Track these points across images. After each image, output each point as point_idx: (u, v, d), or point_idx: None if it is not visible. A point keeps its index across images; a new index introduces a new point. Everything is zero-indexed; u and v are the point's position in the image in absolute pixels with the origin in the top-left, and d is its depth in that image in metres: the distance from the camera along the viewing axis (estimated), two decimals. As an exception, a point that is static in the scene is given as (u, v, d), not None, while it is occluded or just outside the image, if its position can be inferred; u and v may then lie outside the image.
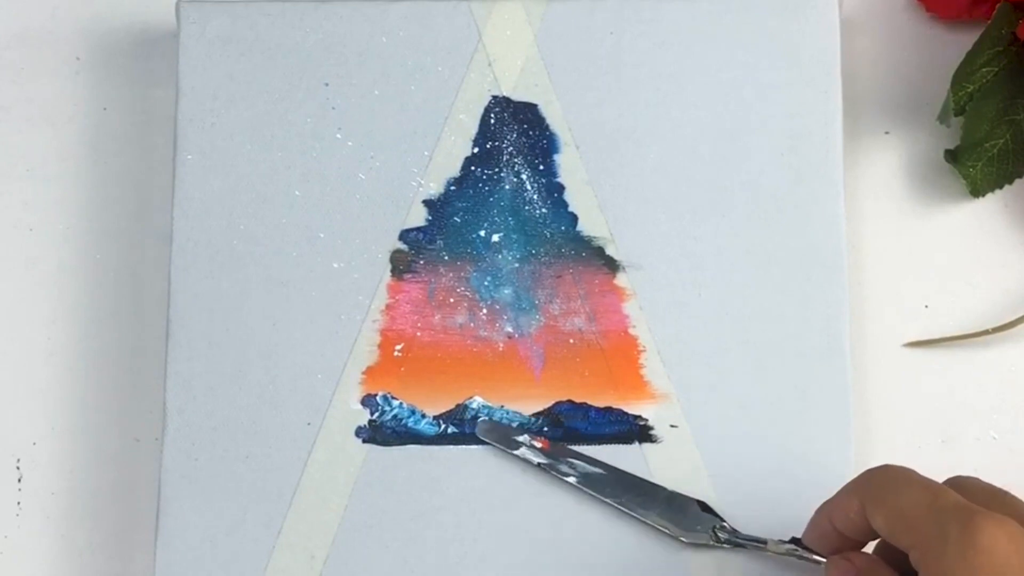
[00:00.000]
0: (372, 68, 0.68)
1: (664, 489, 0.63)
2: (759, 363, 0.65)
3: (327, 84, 0.68)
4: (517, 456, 0.64)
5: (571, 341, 0.66)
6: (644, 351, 0.65)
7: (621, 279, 0.66)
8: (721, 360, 0.65)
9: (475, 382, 0.65)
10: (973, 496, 0.52)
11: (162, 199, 0.69)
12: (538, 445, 0.64)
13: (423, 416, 0.65)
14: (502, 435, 0.64)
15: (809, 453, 0.64)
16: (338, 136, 0.67)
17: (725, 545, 0.62)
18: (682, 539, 0.63)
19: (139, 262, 0.70)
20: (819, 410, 0.64)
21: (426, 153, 0.67)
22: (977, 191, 0.68)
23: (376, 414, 0.65)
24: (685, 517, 0.63)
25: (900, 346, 0.68)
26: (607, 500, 0.63)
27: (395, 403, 0.65)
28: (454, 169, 0.67)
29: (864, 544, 0.57)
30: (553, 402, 0.65)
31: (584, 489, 0.63)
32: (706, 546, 0.63)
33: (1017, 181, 0.69)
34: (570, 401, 0.65)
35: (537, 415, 0.65)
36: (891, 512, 0.52)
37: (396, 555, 0.64)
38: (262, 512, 0.64)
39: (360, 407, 0.65)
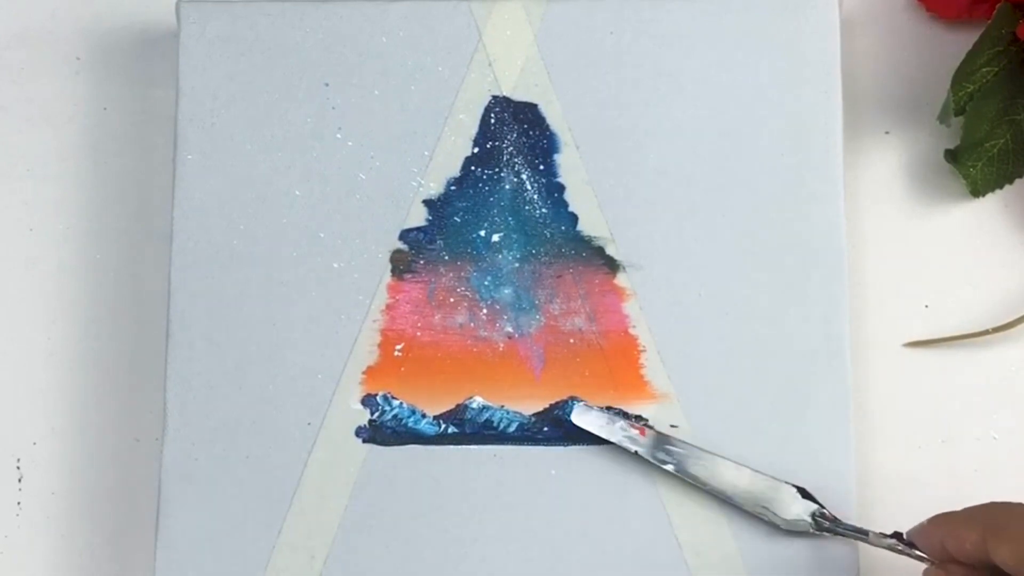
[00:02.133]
0: (372, 68, 0.68)
1: (762, 474, 0.63)
2: (759, 363, 0.65)
3: (327, 84, 0.68)
4: (614, 444, 0.63)
5: (571, 341, 0.66)
6: (644, 351, 0.65)
7: (621, 279, 0.66)
8: (721, 360, 0.65)
9: (475, 382, 0.65)
10: None
11: (162, 199, 0.69)
12: (635, 432, 0.64)
13: (423, 416, 0.65)
14: (598, 421, 0.64)
15: (809, 453, 0.64)
16: (338, 136, 0.67)
17: (825, 533, 0.62)
18: (780, 526, 0.62)
19: (139, 262, 0.70)
20: (819, 410, 0.64)
21: (426, 153, 0.67)
22: (977, 191, 0.68)
23: (376, 414, 0.65)
24: (783, 503, 0.62)
25: (900, 346, 0.68)
26: (703, 486, 0.63)
27: (395, 403, 0.65)
28: (454, 169, 0.67)
29: (970, 568, 0.57)
30: (553, 401, 0.65)
31: (683, 476, 0.63)
32: (805, 534, 0.63)
33: (1017, 181, 0.69)
34: (573, 397, 0.65)
35: (537, 415, 0.65)
36: (1019, 543, 0.53)
37: (396, 555, 0.64)
38: (262, 512, 0.64)
39: (360, 407, 0.65)
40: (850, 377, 0.64)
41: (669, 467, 0.63)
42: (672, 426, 0.64)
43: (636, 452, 0.63)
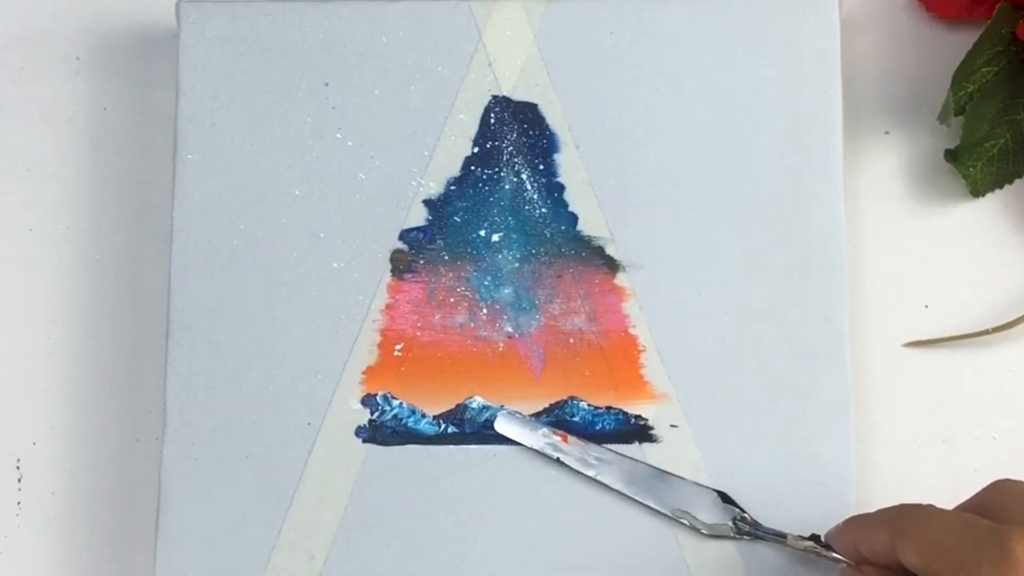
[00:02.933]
0: (372, 68, 0.68)
1: (684, 480, 0.63)
2: (759, 363, 0.65)
3: (327, 84, 0.68)
4: (535, 451, 0.64)
5: (571, 341, 0.66)
6: (644, 351, 0.65)
7: (621, 279, 0.66)
8: (721, 360, 0.65)
9: (475, 382, 0.65)
10: (1016, 503, 0.55)
11: (162, 199, 0.69)
12: (557, 439, 0.64)
13: (423, 416, 0.65)
14: (519, 429, 0.64)
15: (809, 453, 0.64)
16: (338, 136, 0.67)
17: (745, 537, 0.62)
18: (702, 531, 0.63)
19: (139, 262, 0.70)
20: (819, 410, 0.64)
21: (426, 153, 0.67)
22: (977, 191, 0.68)
23: (376, 414, 0.65)
24: (705, 508, 0.63)
25: (900, 346, 0.68)
26: (627, 493, 0.63)
27: (395, 403, 0.65)
28: (454, 169, 0.67)
29: (883, 568, 0.58)
30: (553, 401, 0.65)
31: (604, 482, 0.63)
32: (726, 537, 0.63)
33: (1017, 181, 0.69)
34: (573, 397, 0.65)
35: (537, 415, 0.65)
36: (923, 543, 0.54)
37: (396, 555, 0.64)
38: (262, 512, 0.64)
39: (360, 407, 0.65)
40: (850, 377, 0.64)
41: (591, 472, 0.63)
42: (672, 426, 0.64)
43: (558, 459, 0.63)
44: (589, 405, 0.65)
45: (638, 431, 0.64)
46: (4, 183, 0.71)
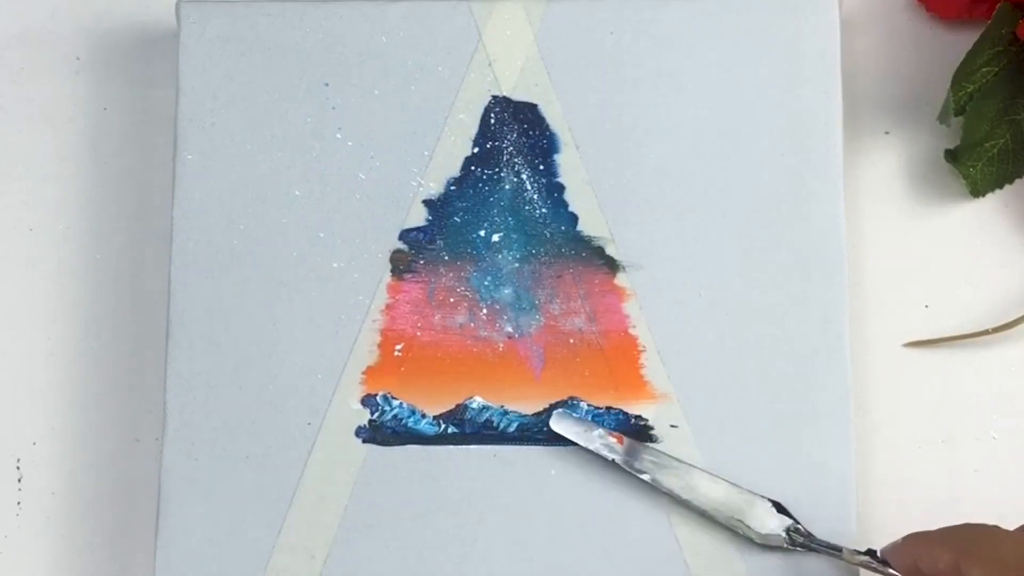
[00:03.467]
0: (372, 68, 0.68)
1: (739, 487, 0.63)
2: (759, 363, 0.65)
3: (327, 84, 0.68)
4: (591, 451, 0.63)
5: (571, 341, 0.66)
6: (644, 351, 0.65)
7: (621, 279, 0.66)
8: (721, 360, 0.65)
9: (475, 382, 0.65)
10: None
11: (162, 199, 0.69)
12: (613, 440, 0.64)
13: (423, 416, 0.65)
14: (576, 428, 0.64)
15: (809, 453, 0.64)
16: (338, 136, 0.67)
17: (798, 548, 0.62)
18: (755, 540, 0.62)
19: (139, 262, 0.70)
20: (819, 410, 0.64)
21: (426, 153, 0.67)
22: (977, 191, 0.68)
23: (376, 414, 0.65)
24: (759, 517, 0.62)
25: (900, 346, 0.68)
26: (679, 497, 0.63)
27: (395, 403, 0.65)
28: (454, 169, 0.67)
29: None
30: (553, 401, 0.65)
31: (659, 486, 0.63)
32: (779, 548, 0.63)
33: (1017, 181, 0.69)
34: (573, 398, 0.65)
35: (537, 415, 0.65)
36: (991, 565, 0.54)
37: (396, 555, 0.64)
38: (262, 512, 0.64)
39: (360, 407, 0.65)
40: (850, 377, 0.64)
41: (645, 476, 0.63)
42: (672, 426, 0.64)
43: (613, 460, 0.63)
44: (589, 405, 0.65)
45: (638, 431, 0.64)
46: (4, 183, 0.71)
